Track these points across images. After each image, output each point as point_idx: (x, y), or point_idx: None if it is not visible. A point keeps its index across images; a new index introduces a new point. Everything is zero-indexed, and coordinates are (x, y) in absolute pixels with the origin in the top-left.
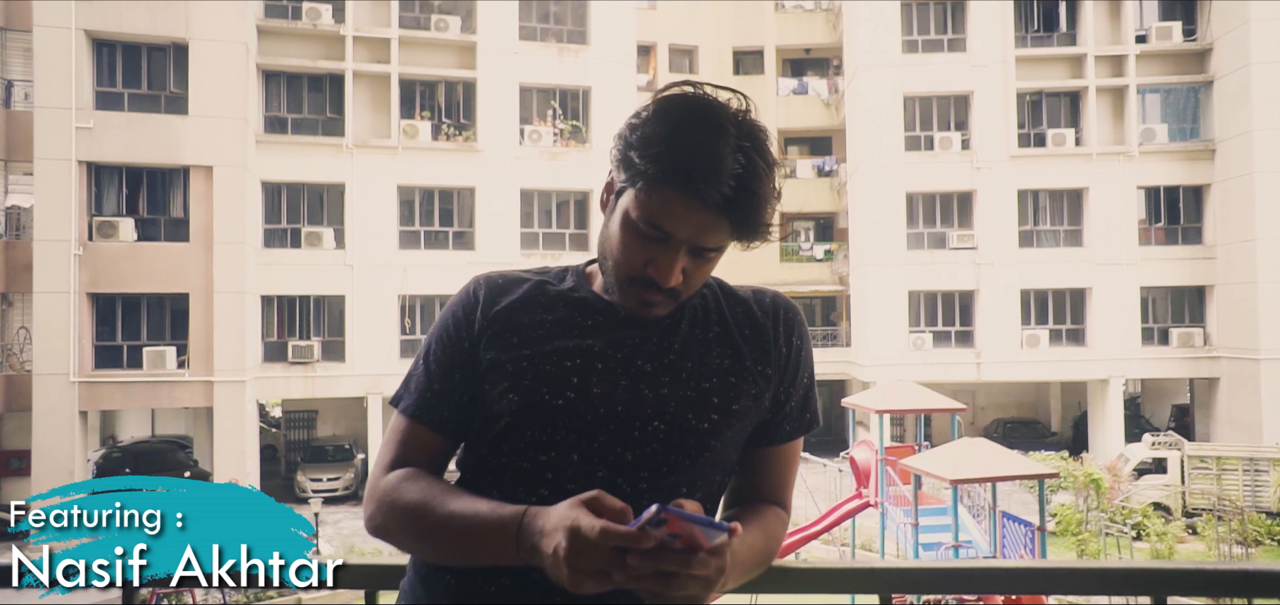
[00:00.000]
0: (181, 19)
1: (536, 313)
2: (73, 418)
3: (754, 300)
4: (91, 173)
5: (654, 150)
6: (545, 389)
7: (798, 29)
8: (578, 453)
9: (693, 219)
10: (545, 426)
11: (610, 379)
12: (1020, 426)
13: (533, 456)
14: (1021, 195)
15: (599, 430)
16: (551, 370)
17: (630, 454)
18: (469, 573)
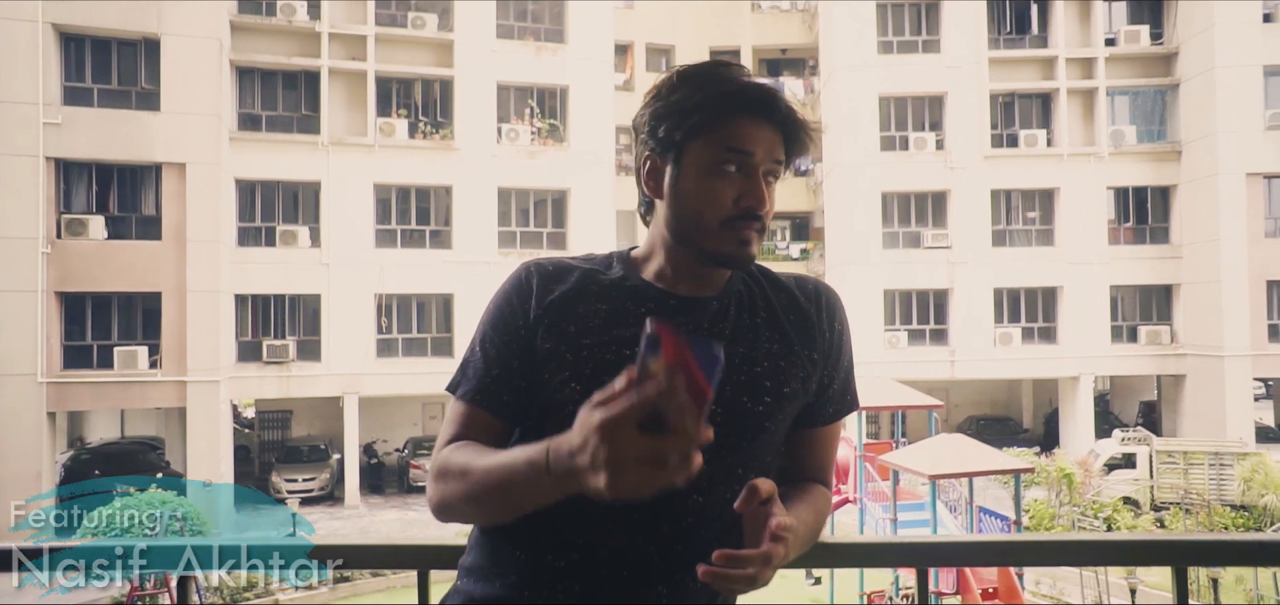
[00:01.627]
0: (152, 14)
1: (591, 302)
2: (40, 419)
3: (797, 286)
4: (60, 169)
5: (712, 92)
6: (605, 377)
7: (774, 29)
8: None
9: (764, 136)
10: None
11: None
12: (993, 423)
13: None
14: (995, 195)
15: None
16: (611, 359)
17: None
18: (532, 571)
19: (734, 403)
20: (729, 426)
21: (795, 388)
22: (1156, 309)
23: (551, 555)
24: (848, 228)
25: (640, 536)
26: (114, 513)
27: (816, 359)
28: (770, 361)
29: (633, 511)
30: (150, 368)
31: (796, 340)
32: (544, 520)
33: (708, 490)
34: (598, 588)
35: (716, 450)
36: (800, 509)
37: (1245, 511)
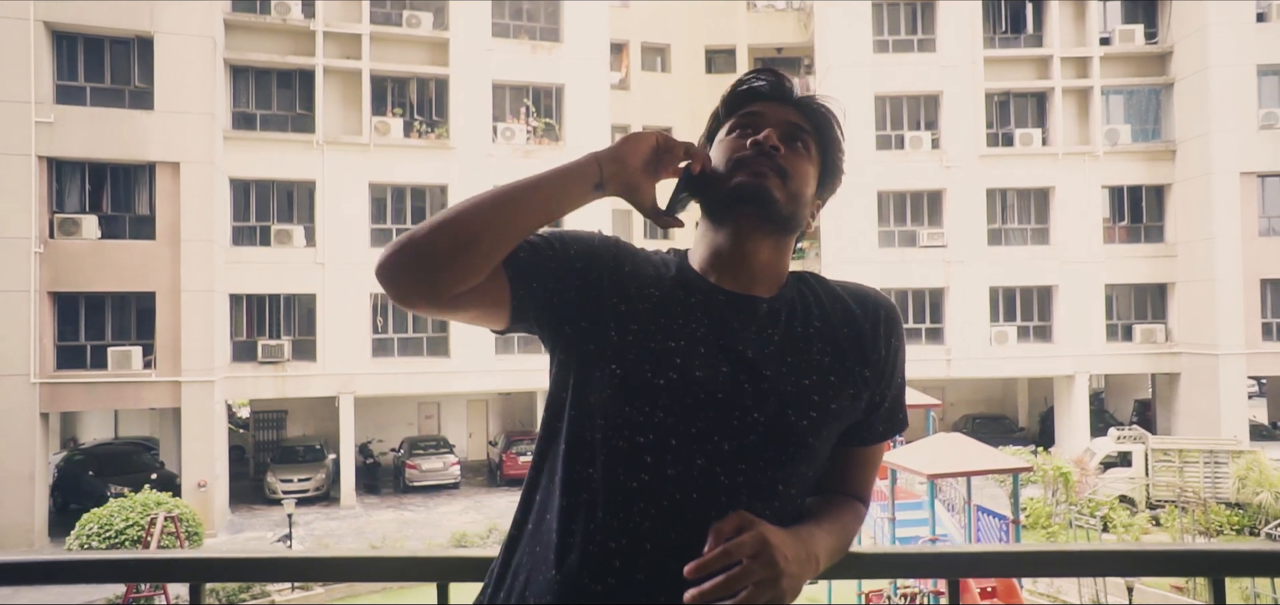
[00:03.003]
0: (146, 12)
1: (647, 285)
2: (33, 420)
3: (854, 298)
4: (52, 168)
5: (729, 90)
6: (648, 366)
7: (770, 28)
8: (676, 437)
9: (774, 113)
10: (644, 405)
11: (712, 363)
12: (989, 422)
13: (631, 437)
14: (990, 194)
15: (698, 415)
16: (655, 348)
17: (728, 444)
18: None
19: (778, 416)
20: (769, 439)
21: (843, 404)
22: (1151, 307)
23: (587, 574)
24: (844, 227)
25: (676, 554)
26: (108, 514)
27: (868, 376)
28: (819, 375)
29: (669, 527)
30: (144, 368)
31: (849, 354)
32: (580, 531)
33: (744, 504)
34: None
35: (757, 461)
36: (827, 527)
37: (1240, 509)
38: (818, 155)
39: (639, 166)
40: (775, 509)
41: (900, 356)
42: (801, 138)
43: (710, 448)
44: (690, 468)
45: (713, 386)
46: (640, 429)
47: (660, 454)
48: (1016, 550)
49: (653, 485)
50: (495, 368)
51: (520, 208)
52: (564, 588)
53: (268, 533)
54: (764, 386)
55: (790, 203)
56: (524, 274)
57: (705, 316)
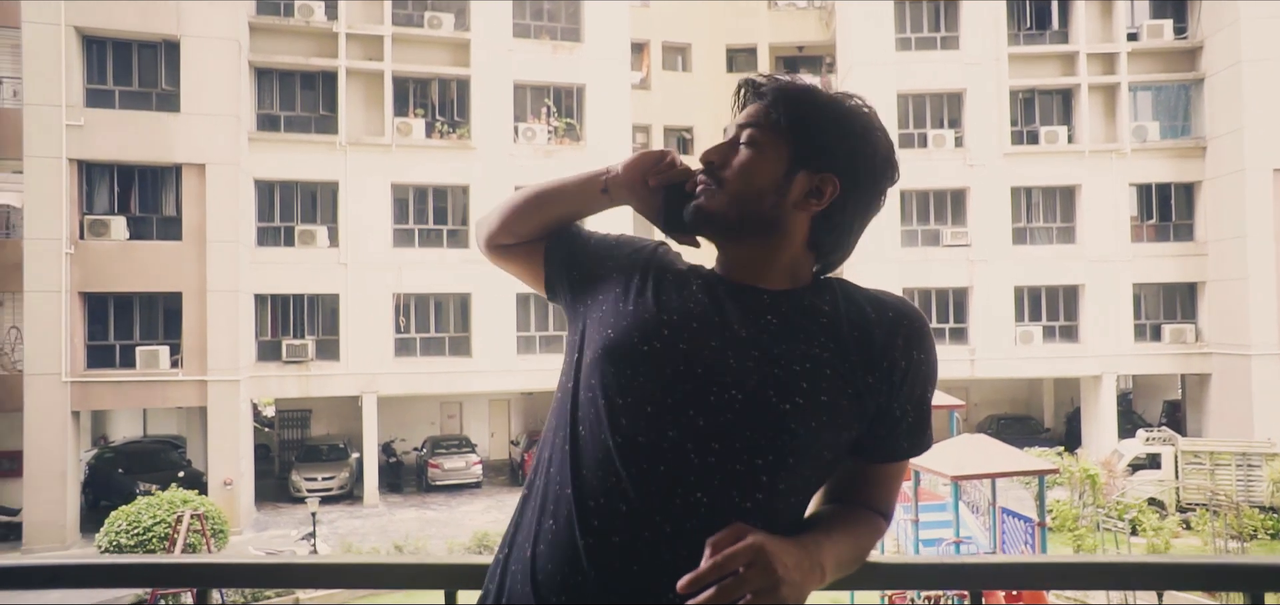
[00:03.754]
0: (172, 16)
1: (664, 273)
2: (65, 418)
3: (872, 303)
4: (82, 171)
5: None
6: (635, 333)
7: (791, 26)
8: (651, 405)
9: (743, 117)
10: (626, 368)
11: (700, 337)
12: (1013, 423)
13: (611, 397)
14: (1014, 192)
15: (676, 385)
16: (648, 318)
17: (702, 420)
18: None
19: (758, 394)
20: (746, 419)
21: (838, 401)
22: (1181, 307)
23: (575, 527)
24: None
25: (647, 522)
26: (137, 511)
27: (872, 383)
28: (813, 364)
29: (641, 494)
30: (171, 367)
31: (852, 354)
32: (569, 486)
33: (717, 490)
34: (603, 587)
35: (731, 442)
36: (838, 537)
37: (1275, 513)
38: (785, 137)
39: (637, 177)
40: (760, 503)
41: (923, 371)
42: (754, 128)
43: (684, 420)
44: (661, 438)
45: (695, 360)
46: (620, 391)
47: (634, 418)
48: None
49: (626, 448)
50: (517, 367)
51: (540, 201)
52: (553, 542)
53: (292, 530)
54: (749, 364)
55: (732, 204)
56: (555, 249)
57: (705, 296)
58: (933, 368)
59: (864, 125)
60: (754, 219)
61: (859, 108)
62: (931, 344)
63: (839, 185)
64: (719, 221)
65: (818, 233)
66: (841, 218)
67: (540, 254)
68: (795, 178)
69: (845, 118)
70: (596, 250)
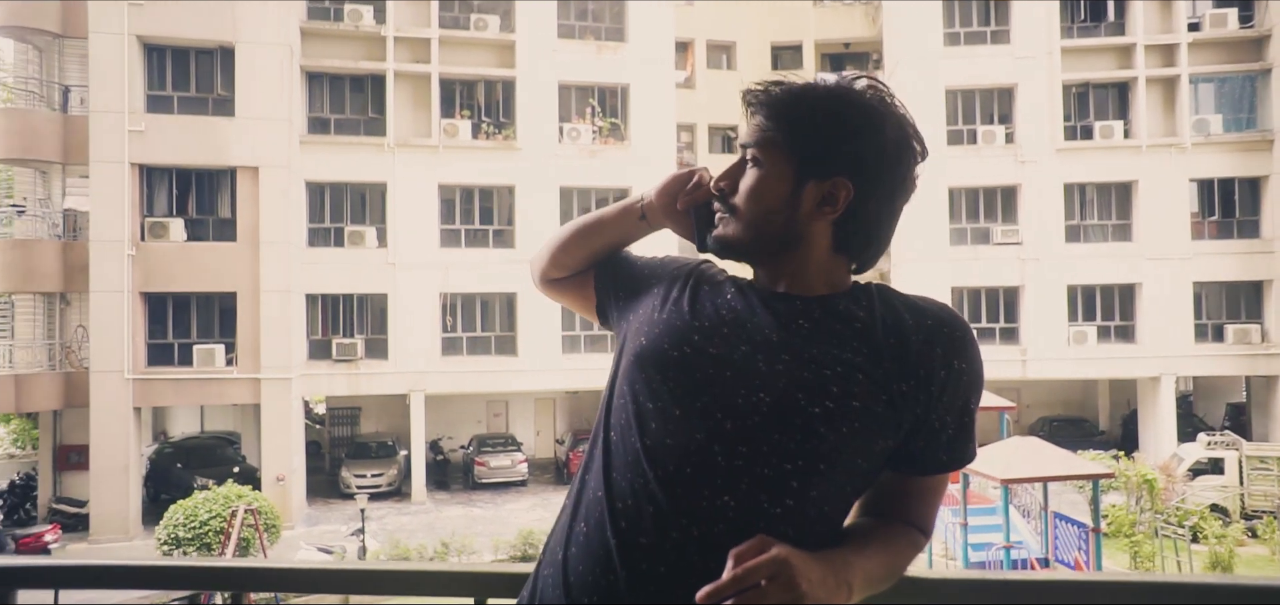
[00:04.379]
0: (228, 22)
1: (701, 285)
2: (128, 414)
3: (910, 309)
4: (143, 174)
5: None
6: (666, 339)
7: (836, 23)
8: (680, 408)
9: (746, 129)
10: (655, 372)
11: (731, 341)
12: (1067, 425)
13: (641, 402)
14: (1068, 189)
15: (704, 390)
16: (679, 325)
17: (730, 423)
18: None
19: (786, 396)
20: (774, 423)
21: (871, 407)
22: (1245, 306)
23: (607, 526)
24: (913, 224)
25: (675, 524)
26: (194, 505)
27: (907, 391)
28: (844, 368)
29: (669, 496)
30: (227, 365)
31: (888, 359)
32: (601, 487)
33: (745, 494)
34: (632, 589)
35: (758, 446)
36: (873, 552)
37: None
38: (785, 149)
39: (668, 201)
40: (789, 510)
41: (965, 381)
42: (755, 147)
43: (711, 423)
44: (689, 441)
45: (724, 363)
46: (650, 395)
47: (663, 421)
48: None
49: (654, 450)
50: (562, 367)
51: (584, 233)
52: (586, 544)
53: (342, 526)
54: (778, 367)
55: (747, 229)
56: (602, 275)
57: (738, 302)
58: (976, 377)
59: (865, 116)
60: (771, 239)
61: (859, 97)
62: (975, 352)
63: (852, 187)
64: (739, 248)
65: (843, 236)
66: (864, 217)
67: (590, 282)
68: (804, 189)
69: (843, 114)
70: (641, 270)
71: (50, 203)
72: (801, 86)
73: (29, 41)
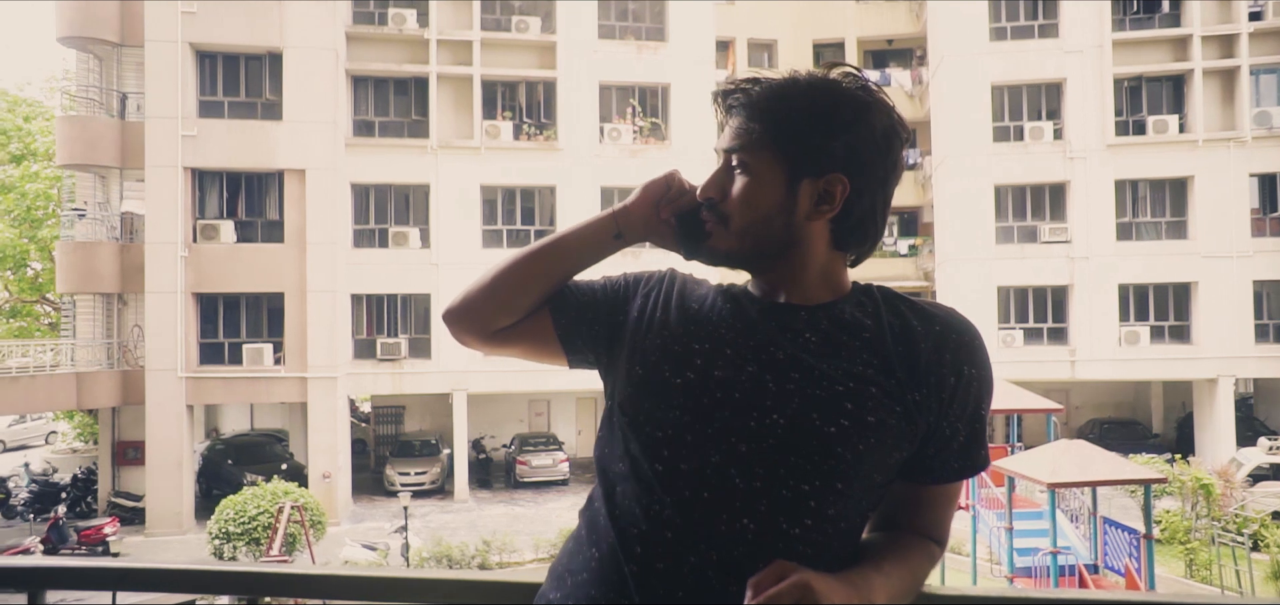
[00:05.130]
0: (276, 28)
1: (688, 301)
2: (181, 411)
3: (917, 314)
4: (195, 178)
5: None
6: (667, 366)
7: (879, 19)
8: (691, 433)
9: (729, 131)
10: (661, 401)
11: (736, 364)
12: (1118, 427)
13: (650, 431)
14: (1119, 185)
15: (715, 414)
16: (678, 350)
17: (745, 446)
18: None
19: (800, 417)
20: (791, 444)
21: (886, 420)
22: None
23: (621, 554)
24: (959, 222)
25: (693, 549)
26: (243, 501)
27: (919, 400)
28: (857, 383)
29: (686, 521)
30: (274, 364)
31: (899, 369)
32: (615, 514)
33: (764, 517)
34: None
35: (775, 467)
36: (884, 566)
37: None
38: (774, 150)
39: (650, 211)
40: (808, 530)
41: (975, 387)
42: (741, 152)
43: (726, 447)
44: (704, 464)
45: (732, 386)
46: (657, 423)
47: (676, 447)
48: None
49: (669, 476)
50: None
51: (545, 260)
52: (598, 566)
53: (386, 524)
54: (789, 387)
55: (742, 238)
56: (561, 308)
57: (737, 320)
58: (986, 382)
59: (853, 108)
60: (768, 245)
61: (844, 89)
62: (985, 357)
63: (847, 182)
64: (734, 258)
65: (841, 232)
66: (861, 210)
67: (546, 321)
68: (799, 190)
69: (834, 109)
70: (604, 291)
71: (108, 206)
72: (782, 82)
73: (90, 51)
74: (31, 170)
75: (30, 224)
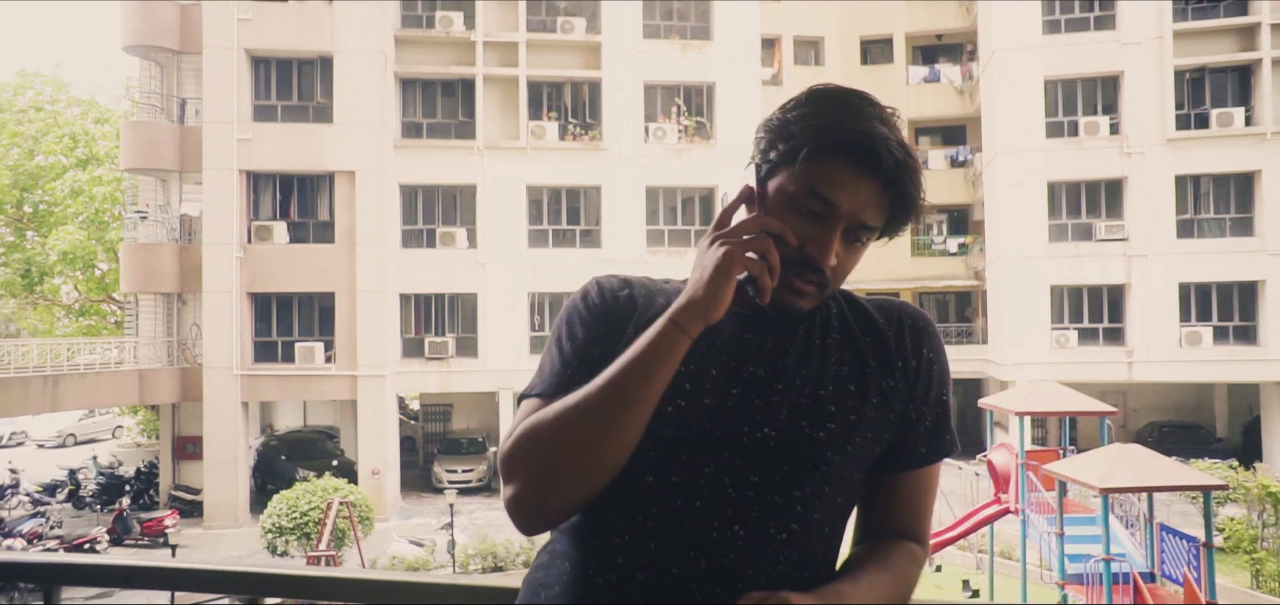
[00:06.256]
0: (327, 33)
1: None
2: (236, 408)
3: (877, 309)
4: (250, 180)
5: (816, 123)
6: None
7: (928, 14)
8: (686, 451)
9: (860, 191)
10: (651, 430)
11: (721, 389)
12: (1179, 431)
13: (641, 452)
14: (1180, 181)
15: (706, 435)
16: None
17: (739, 459)
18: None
19: (790, 427)
20: (783, 454)
21: (867, 415)
22: None
23: (592, 568)
24: (1010, 220)
25: (678, 558)
26: (294, 496)
27: (894, 385)
28: (837, 385)
29: (672, 530)
30: (325, 362)
31: (870, 360)
32: (591, 525)
33: (754, 522)
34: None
35: (769, 478)
36: (874, 575)
37: None
38: (888, 229)
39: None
40: (794, 534)
41: (937, 370)
42: (865, 232)
43: (720, 460)
44: (697, 475)
45: (721, 411)
46: (648, 441)
47: (667, 461)
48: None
49: (657, 487)
50: None
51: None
52: (572, 580)
53: (432, 520)
54: (775, 400)
55: (816, 300)
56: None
57: (716, 338)
58: (944, 367)
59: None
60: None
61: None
62: (940, 343)
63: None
64: (799, 316)
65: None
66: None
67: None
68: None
69: (919, 174)
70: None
71: (169, 208)
72: (912, 155)
73: (152, 58)
74: (97, 174)
75: (98, 226)
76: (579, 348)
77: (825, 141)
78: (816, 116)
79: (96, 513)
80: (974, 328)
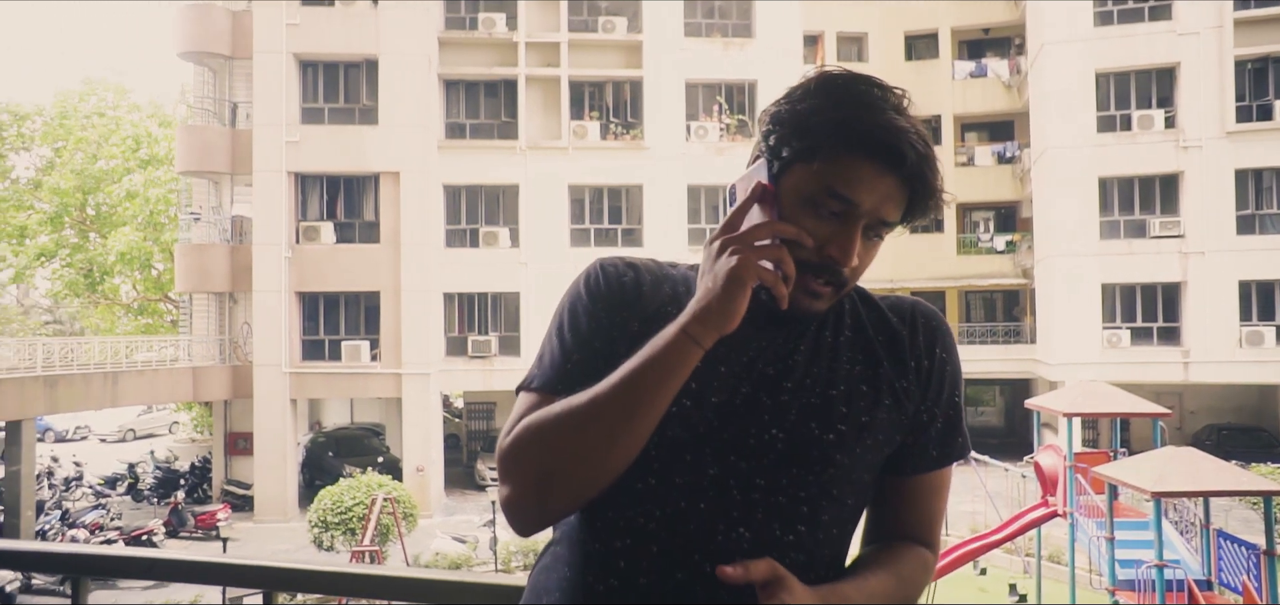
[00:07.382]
0: (372, 36)
1: (666, 307)
2: (285, 405)
3: (890, 308)
4: (298, 182)
5: (835, 117)
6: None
7: (974, 8)
8: (690, 452)
9: (879, 187)
10: (655, 430)
11: (730, 386)
12: (1239, 434)
13: (644, 453)
14: (1240, 176)
15: (712, 437)
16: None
17: (745, 462)
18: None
19: (799, 428)
20: (791, 456)
21: (879, 417)
22: None
23: (591, 573)
24: (1060, 217)
25: (681, 562)
26: (340, 492)
27: (908, 387)
28: (849, 384)
29: (675, 532)
30: (371, 361)
31: (883, 360)
32: (591, 529)
33: (760, 525)
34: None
35: (776, 478)
36: (878, 576)
37: None
38: (906, 218)
39: (741, 289)
40: (801, 535)
41: (949, 370)
42: (884, 228)
43: (726, 463)
44: (701, 476)
45: (729, 410)
46: (653, 442)
47: (671, 463)
48: None
49: (660, 489)
50: None
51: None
52: (571, 585)
53: (475, 517)
54: (784, 399)
55: (832, 300)
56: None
57: (726, 337)
58: (957, 367)
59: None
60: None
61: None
62: (953, 344)
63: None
64: (813, 317)
65: None
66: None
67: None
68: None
69: (937, 163)
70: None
71: (221, 210)
72: (932, 150)
73: (205, 64)
74: (155, 177)
75: (154, 227)
76: (581, 338)
77: (846, 138)
78: (833, 110)
79: (154, 505)
80: (1022, 327)
